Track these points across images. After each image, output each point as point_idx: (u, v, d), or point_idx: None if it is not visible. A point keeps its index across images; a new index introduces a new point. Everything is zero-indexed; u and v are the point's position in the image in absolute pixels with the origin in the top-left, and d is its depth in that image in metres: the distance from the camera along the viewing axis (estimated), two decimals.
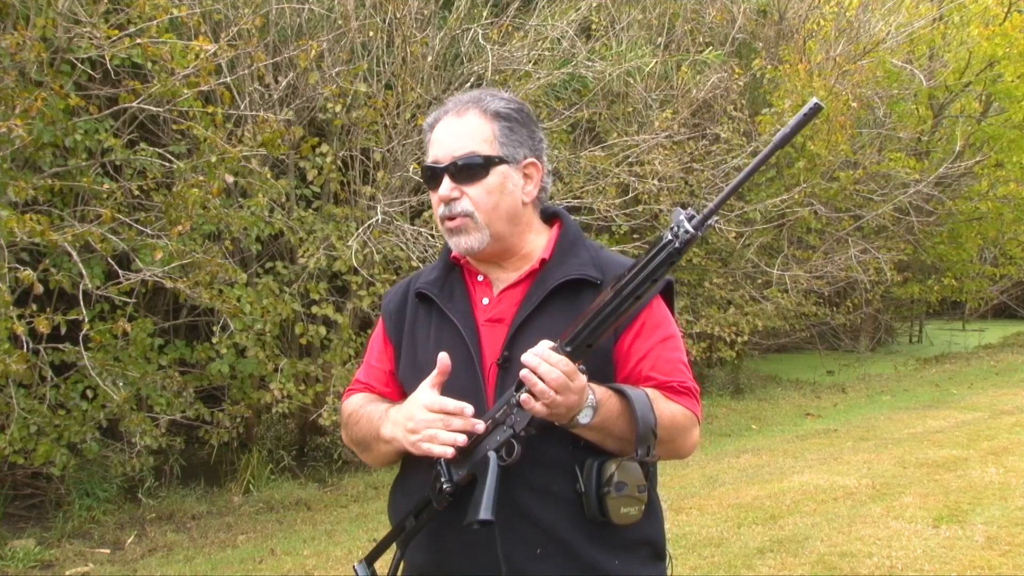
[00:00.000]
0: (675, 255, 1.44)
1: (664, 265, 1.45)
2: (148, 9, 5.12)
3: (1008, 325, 17.97)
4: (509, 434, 1.55)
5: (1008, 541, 4.98)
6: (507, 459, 1.55)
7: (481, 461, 1.57)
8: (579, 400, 1.51)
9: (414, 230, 6.43)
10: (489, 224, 1.70)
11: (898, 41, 11.17)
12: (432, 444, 1.58)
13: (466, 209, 1.69)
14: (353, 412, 1.81)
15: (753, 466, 7.10)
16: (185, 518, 5.93)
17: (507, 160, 1.71)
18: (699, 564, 4.77)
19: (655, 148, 8.08)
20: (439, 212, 1.73)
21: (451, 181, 1.69)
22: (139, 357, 5.52)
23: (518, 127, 1.73)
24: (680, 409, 1.66)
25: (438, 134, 1.73)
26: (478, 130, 1.70)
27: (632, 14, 8.81)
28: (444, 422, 1.58)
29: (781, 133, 1.40)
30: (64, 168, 5.35)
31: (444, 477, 1.61)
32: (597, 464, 1.59)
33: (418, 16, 6.92)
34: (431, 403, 1.61)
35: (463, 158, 1.69)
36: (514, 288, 1.74)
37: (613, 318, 1.49)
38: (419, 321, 1.80)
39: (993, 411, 9.38)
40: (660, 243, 1.45)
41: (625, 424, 1.57)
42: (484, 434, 1.58)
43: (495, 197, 1.70)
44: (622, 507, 1.58)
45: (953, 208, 13.01)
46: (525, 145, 1.74)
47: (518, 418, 1.55)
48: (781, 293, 9.98)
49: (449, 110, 1.74)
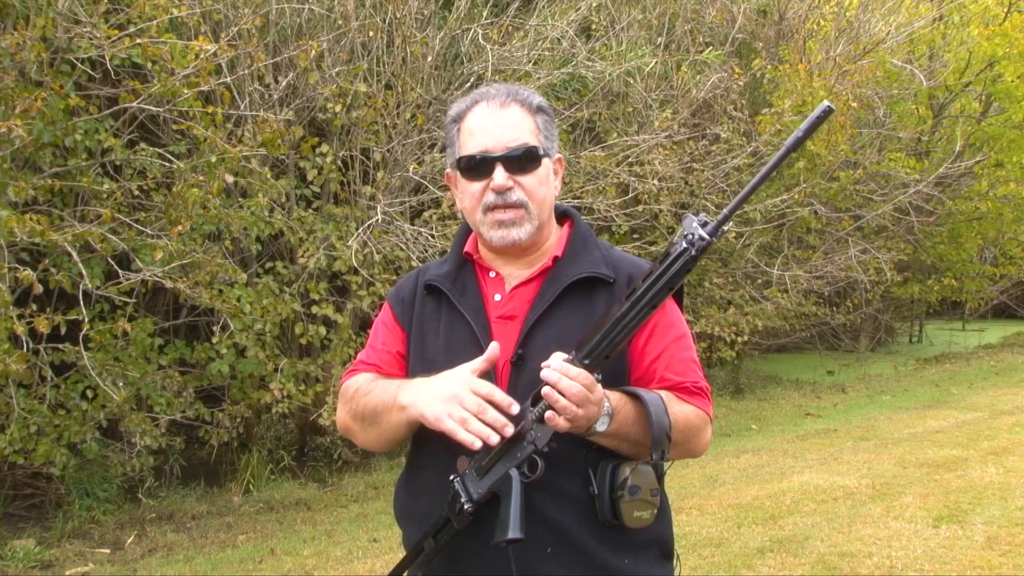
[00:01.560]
0: (691, 263, 1.43)
1: (681, 274, 1.44)
2: (148, 9, 5.12)
3: (1008, 325, 17.97)
4: (531, 450, 1.53)
5: (1008, 541, 4.98)
6: (530, 476, 1.53)
7: (503, 479, 1.54)
8: (598, 410, 1.51)
9: (414, 230, 6.43)
10: (539, 215, 1.70)
11: (898, 41, 11.17)
12: (461, 428, 1.52)
13: (521, 199, 1.68)
14: (362, 385, 1.75)
15: (753, 466, 7.10)
16: (185, 518, 5.92)
17: (548, 154, 1.72)
18: (699, 564, 4.77)
19: (655, 148, 8.08)
20: (487, 201, 1.68)
21: (505, 171, 1.67)
22: (139, 357, 5.52)
23: (551, 123, 1.75)
24: (693, 410, 1.66)
25: (483, 124, 1.69)
26: (524, 122, 1.70)
27: (632, 14, 8.81)
28: (480, 410, 1.52)
29: (793, 137, 1.39)
30: (64, 168, 5.35)
31: (464, 497, 1.57)
32: (611, 467, 1.59)
33: (418, 16, 6.92)
34: (479, 387, 1.54)
35: (519, 148, 1.67)
36: (527, 285, 1.73)
37: (631, 328, 1.47)
38: (428, 314, 1.78)
39: (993, 411, 9.38)
40: (676, 252, 1.43)
41: (640, 429, 1.56)
42: (501, 450, 1.55)
43: (545, 188, 1.71)
44: (635, 511, 1.58)
45: (953, 208, 13.01)
46: (554, 140, 1.76)
47: (539, 434, 1.52)
48: (781, 293, 9.98)
49: (480, 102, 1.71)
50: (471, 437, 1.51)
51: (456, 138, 1.73)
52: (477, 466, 1.58)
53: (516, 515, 1.50)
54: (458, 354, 1.65)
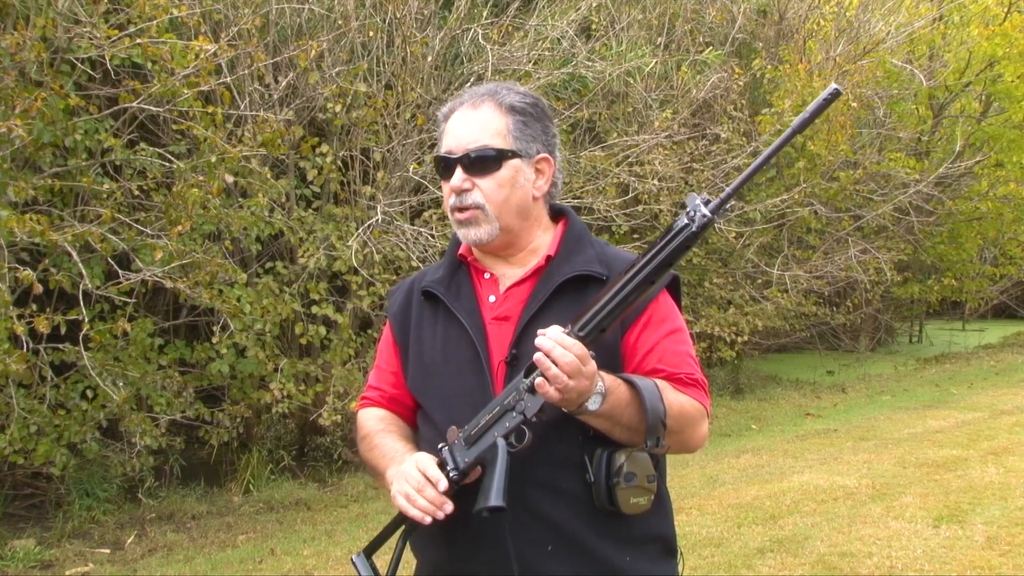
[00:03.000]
0: (691, 239, 1.44)
1: (680, 250, 1.45)
2: (148, 9, 5.11)
3: (1008, 325, 17.96)
4: (519, 420, 1.54)
5: (1008, 541, 4.98)
6: (517, 445, 1.55)
7: (490, 448, 1.55)
8: (590, 385, 1.51)
9: (414, 230, 6.43)
10: (499, 217, 1.71)
11: (898, 41, 11.17)
12: (408, 505, 1.59)
13: (477, 201, 1.70)
14: (368, 436, 1.82)
15: (753, 466, 7.10)
16: (185, 518, 5.92)
17: (520, 154, 1.72)
18: (699, 564, 4.77)
19: (655, 148, 8.08)
20: (450, 202, 1.73)
21: (463, 172, 1.70)
22: (139, 357, 5.52)
23: (532, 122, 1.74)
24: (689, 400, 1.65)
25: (452, 125, 1.73)
26: (492, 123, 1.71)
27: (632, 14, 8.81)
28: (420, 487, 1.58)
29: (800, 118, 1.40)
30: (64, 168, 5.35)
31: (450, 465, 1.59)
32: (607, 454, 1.59)
33: (418, 16, 6.92)
34: (421, 464, 1.61)
35: (476, 150, 1.69)
36: (520, 285, 1.74)
37: (627, 302, 1.49)
38: (425, 320, 1.80)
39: (993, 411, 9.38)
40: (676, 227, 1.45)
41: (634, 413, 1.56)
42: (491, 420, 1.57)
43: (506, 190, 1.71)
44: (632, 497, 1.58)
45: (953, 208, 13.00)
46: (538, 140, 1.75)
47: (529, 403, 1.53)
48: (781, 293, 9.97)
49: (465, 101, 1.74)
50: (419, 513, 1.57)
51: (440, 138, 1.78)
52: (466, 436, 1.59)
53: (500, 484, 1.51)
54: (454, 357, 1.68)
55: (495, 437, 1.55)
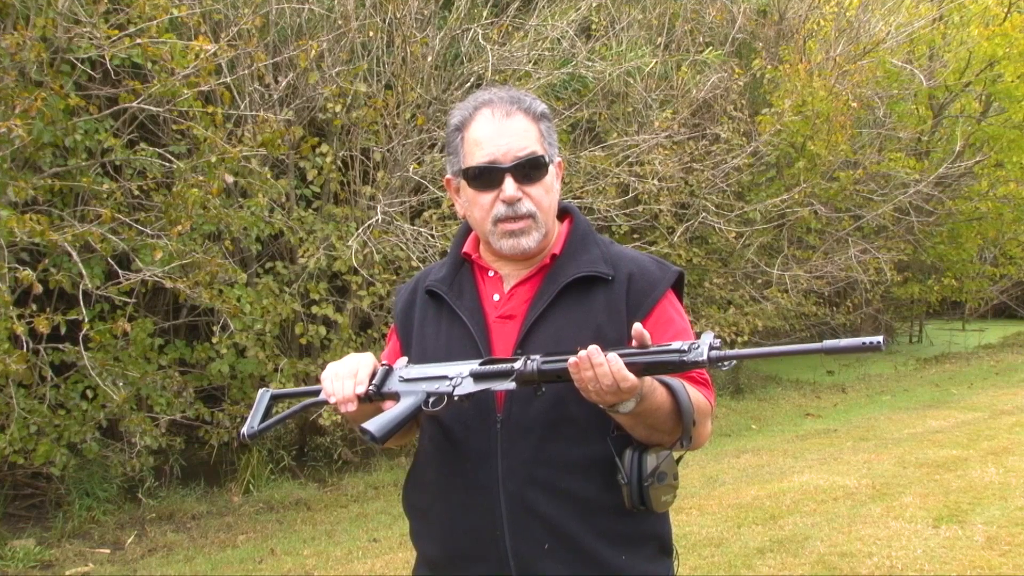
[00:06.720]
0: (675, 368, 1.47)
1: (659, 368, 1.49)
2: (148, 9, 5.12)
3: (1008, 325, 17.95)
4: (448, 391, 1.60)
5: (1008, 541, 4.98)
6: (431, 408, 1.61)
7: (412, 393, 1.63)
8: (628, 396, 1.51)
9: (414, 230, 6.43)
10: (546, 223, 1.72)
11: (898, 41, 11.17)
12: (330, 380, 1.67)
13: (530, 210, 1.69)
14: None
15: (753, 466, 7.10)
16: (185, 518, 5.93)
17: (551, 160, 1.73)
18: (699, 564, 4.77)
19: (655, 148, 8.08)
20: (496, 213, 1.68)
21: (515, 181, 1.67)
22: (139, 357, 5.52)
23: (552, 129, 1.76)
24: (701, 398, 1.67)
25: (487, 134, 1.68)
26: (530, 131, 1.70)
27: (632, 14, 8.81)
28: (348, 376, 1.65)
29: (831, 344, 1.42)
30: (64, 168, 5.35)
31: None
32: (636, 455, 1.60)
33: (418, 16, 6.92)
34: (363, 363, 1.68)
35: (527, 158, 1.67)
36: (525, 284, 1.74)
37: None
38: (428, 319, 1.80)
39: (993, 411, 9.38)
40: (672, 348, 1.47)
41: (664, 414, 1.57)
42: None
43: (551, 196, 1.72)
44: (663, 496, 1.61)
45: (953, 208, 12.99)
46: (555, 145, 1.76)
47: (465, 385, 1.59)
48: (781, 293, 9.97)
49: (481, 108, 1.70)
50: (329, 390, 1.66)
51: (460, 147, 1.72)
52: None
53: (387, 419, 1.58)
54: (457, 356, 1.67)
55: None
